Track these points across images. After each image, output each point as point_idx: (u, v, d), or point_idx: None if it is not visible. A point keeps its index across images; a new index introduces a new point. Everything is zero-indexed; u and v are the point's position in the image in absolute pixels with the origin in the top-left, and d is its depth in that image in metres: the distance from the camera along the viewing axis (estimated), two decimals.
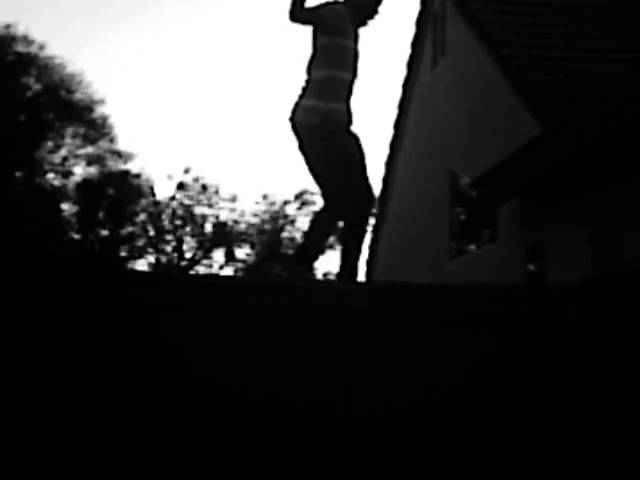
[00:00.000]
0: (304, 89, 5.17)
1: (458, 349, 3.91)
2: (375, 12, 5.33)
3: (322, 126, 5.05)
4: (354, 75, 5.27)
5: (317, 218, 5.19)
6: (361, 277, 5.43)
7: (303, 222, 31.91)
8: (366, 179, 5.20)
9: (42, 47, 28.57)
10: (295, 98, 5.19)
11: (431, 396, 3.84)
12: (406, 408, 3.82)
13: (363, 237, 5.23)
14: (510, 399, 3.88)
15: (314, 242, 5.14)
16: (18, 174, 27.14)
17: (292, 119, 5.13)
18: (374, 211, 5.31)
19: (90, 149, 29.97)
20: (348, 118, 5.22)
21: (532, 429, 3.83)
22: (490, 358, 3.92)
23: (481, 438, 3.81)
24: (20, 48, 28.06)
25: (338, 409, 3.79)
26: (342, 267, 5.16)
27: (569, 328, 3.97)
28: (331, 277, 32.45)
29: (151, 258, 32.01)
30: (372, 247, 17.96)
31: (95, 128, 29.73)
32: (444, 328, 3.92)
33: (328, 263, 37.11)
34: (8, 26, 28.00)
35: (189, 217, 32.14)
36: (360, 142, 5.27)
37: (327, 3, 5.19)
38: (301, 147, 5.12)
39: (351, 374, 3.83)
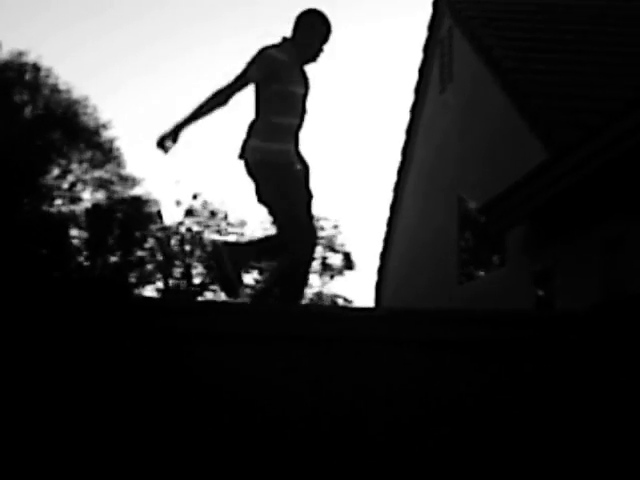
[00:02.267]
0: (250, 129, 5.28)
1: (467, 374, 3.90)
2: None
3: (267, 162, 5.18)
4: (301, 119, 5.36)
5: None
6: (369, 302, 5.48)
7: None
8: (310, 213, 5.28)
9: (48, 75, 28.78)
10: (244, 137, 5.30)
11: (438, 419, 3.84)
12: (416, 434, 3.81)
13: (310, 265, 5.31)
14: (516, 424, 3.88)
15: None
16: (26, 200, 27.25)
17: (242, 156, 5.27)
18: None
19: (97, 173, 30.11)
20: (295, 158, 5.30)
21: (536, 453, 3.82)
22: (499, 382, 3.92)
23: (486, 459, 3.80)
24: (27, 74, 28.28)
25: (348, 431, 3.79)
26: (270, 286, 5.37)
27: (577, 354, 3.96)
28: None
29: (159, 284, 32.03)
30: (380, 272, 17.96)
31: (102, 152, 29.90)
32: (452, 353, 3.92)
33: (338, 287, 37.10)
34: (20, 54, 28.23)
35: (198, 243, 32.18)
36: (308, 178, 5.35)
37: (266, 48, 5.20)
38: (256, 186, 5.29)
39: (361, 399, 3.84)
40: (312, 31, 5.26)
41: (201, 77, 51.85)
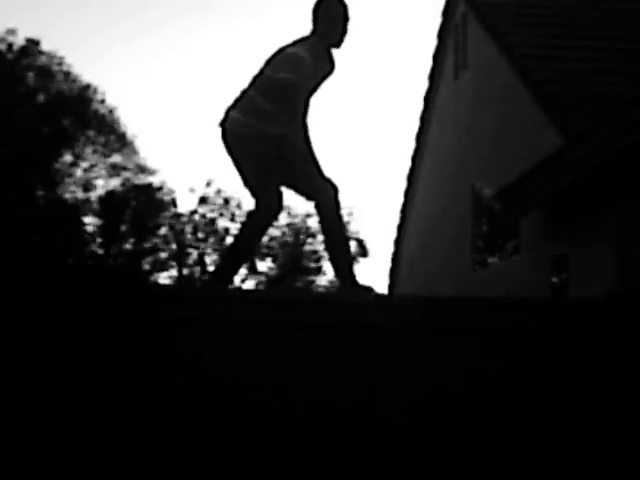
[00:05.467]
0: (237, 100, 5.35)
1: (479, 361, 3.89)
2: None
3: (249, 137, 5.27)
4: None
5: (248, 221, 5.32)
6: (383, 289, 5.44)
7: None
8: (321, 174, 5.32)
9: (60, 62, 28.80)
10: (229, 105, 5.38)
11: (453, 405, 3.83)
12: (431, 419, 3.80)
13: (342, 233, 5.30)
14: (530, 410, 3.86)
15: (242, 247, 5.29)
16: (39, 187, 27.30)
17: (222, 125, 5.36)
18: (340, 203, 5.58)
19: (111, 160, 30.17)
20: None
21: (548, 439, 3.81)
22: (513, 369, 3.90)
23: (500, 448, 3.79)
24: (40, 61, 28.31)
25: (361, 415, 3.78)
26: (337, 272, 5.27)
27: (592, 341, 3.94)
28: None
29: (173, 271, 32.08)
30: (394, 259, 17.94)
31: (116, 137, 29.94)
32: (466, 340, 3.91)
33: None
34: (30, 42, 28.24)
35: (211, 230, 32.21)
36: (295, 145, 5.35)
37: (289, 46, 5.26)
38: (230, 153, 5.35)
39: (374, 383, 3.83)
40: (331, 17, 5.28)
41: (209, 64, 51.85)
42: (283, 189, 5.36)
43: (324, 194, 5.28)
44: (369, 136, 55.17)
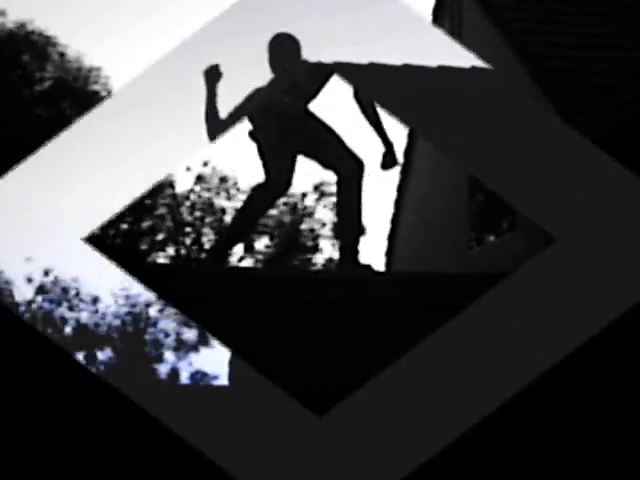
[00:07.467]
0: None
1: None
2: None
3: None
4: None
5: (254, 194, 5.46)
6: (379, 266, 5.51)
7: (322, 213, 31.90)
8: (346, 149, 5.57)
9: (55, 43, 28.66)
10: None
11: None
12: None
13: (355, 210, 5.36)
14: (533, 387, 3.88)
15: (245, 218, 5.46)
16: None
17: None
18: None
19: None
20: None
21: (551, 416, 3.83)
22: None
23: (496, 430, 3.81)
24: (35, 43, 28.16)
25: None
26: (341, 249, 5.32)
27: None
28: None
29: (171, 251, 32.06)
30: (390, 237, 17.94)
31: None
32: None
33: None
34: (23, 24, 28.08)
35: (208, 209, 32.16)
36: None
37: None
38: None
39: (370, 361, 3.84)
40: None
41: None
42: (305, 160, 5.49)
43: (347, 166, 5.39)
44: None
